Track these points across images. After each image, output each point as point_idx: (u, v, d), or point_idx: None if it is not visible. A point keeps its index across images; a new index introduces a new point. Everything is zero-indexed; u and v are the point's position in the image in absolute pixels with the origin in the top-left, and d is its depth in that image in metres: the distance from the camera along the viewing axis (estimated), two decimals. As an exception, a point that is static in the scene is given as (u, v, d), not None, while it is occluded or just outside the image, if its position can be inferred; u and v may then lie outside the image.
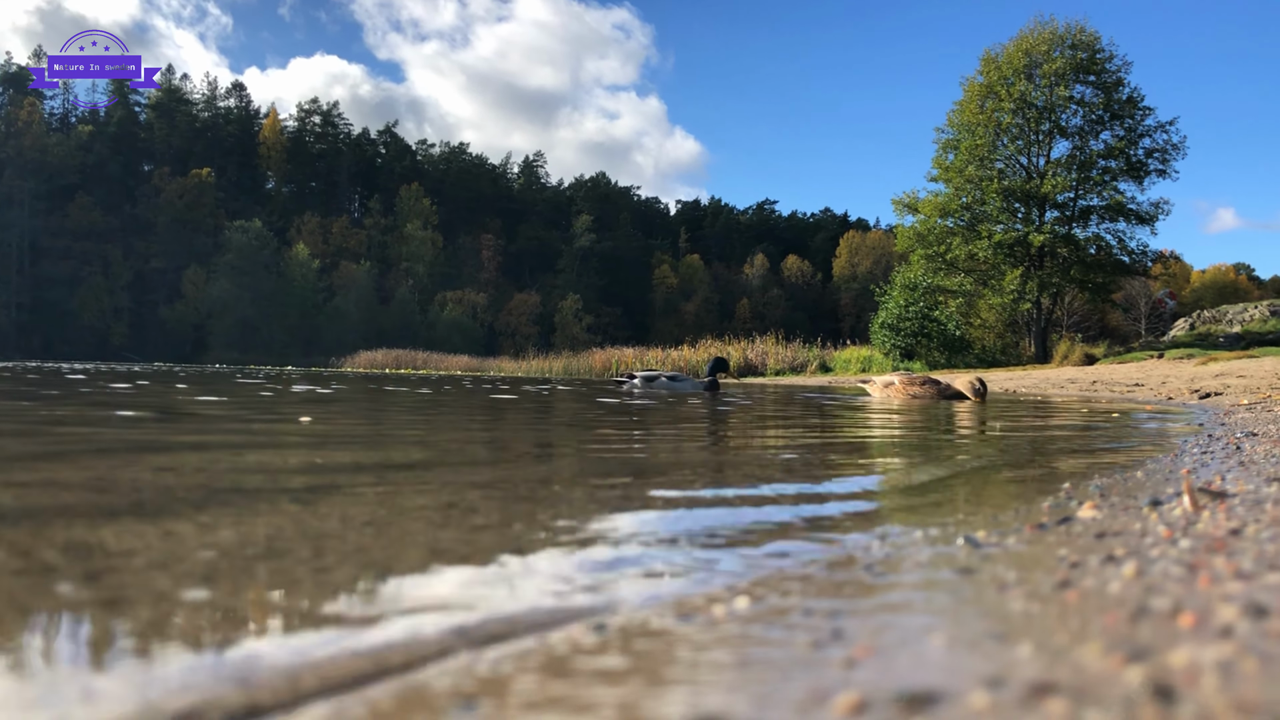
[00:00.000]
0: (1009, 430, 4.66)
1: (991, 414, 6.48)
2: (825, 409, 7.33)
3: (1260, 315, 32.23)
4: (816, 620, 0.89)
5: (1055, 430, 4.66)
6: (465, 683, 0.72)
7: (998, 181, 31.97)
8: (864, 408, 7.39)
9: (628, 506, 1.78)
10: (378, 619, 0.93)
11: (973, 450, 3.41)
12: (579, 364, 37.94)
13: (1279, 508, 1.38)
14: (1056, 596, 0.93)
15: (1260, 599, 0.81)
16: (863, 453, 3.39)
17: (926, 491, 2.14)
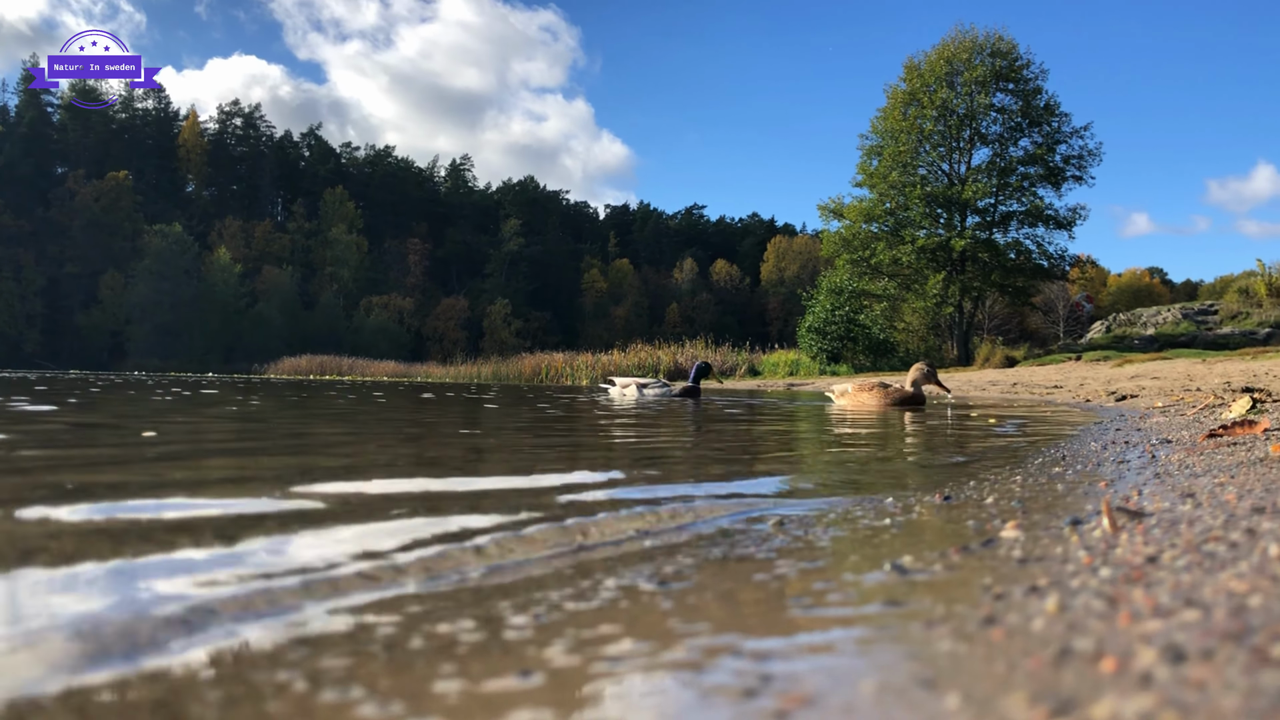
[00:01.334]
0: (933, 433, 4.73)
1: (915, 418, 6.57)
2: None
3: (1173, 318, 33.26)
4: (745, 663, 0.88)
5: (975, 434, 4.74)
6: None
7: (920, 187, 32.59)
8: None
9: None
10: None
11: (901, 457, 3.44)
12: (509, 369, 37.78)
13: (1193, 530, 1.41)
14: (982, 634, 0.93)
15: (1178, 640, 0.82)
16: (770, 456, 3.41)
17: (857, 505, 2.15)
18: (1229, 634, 0.82)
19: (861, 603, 1.15)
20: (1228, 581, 1.03)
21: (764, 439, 4.74)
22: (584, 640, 0.98)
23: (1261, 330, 29.00)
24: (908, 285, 33.47)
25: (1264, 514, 1.51)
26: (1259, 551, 1.18)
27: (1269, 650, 0.76)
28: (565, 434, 4.96)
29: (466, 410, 7.77)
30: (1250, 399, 6.36)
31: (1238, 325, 30.50)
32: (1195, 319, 32.68)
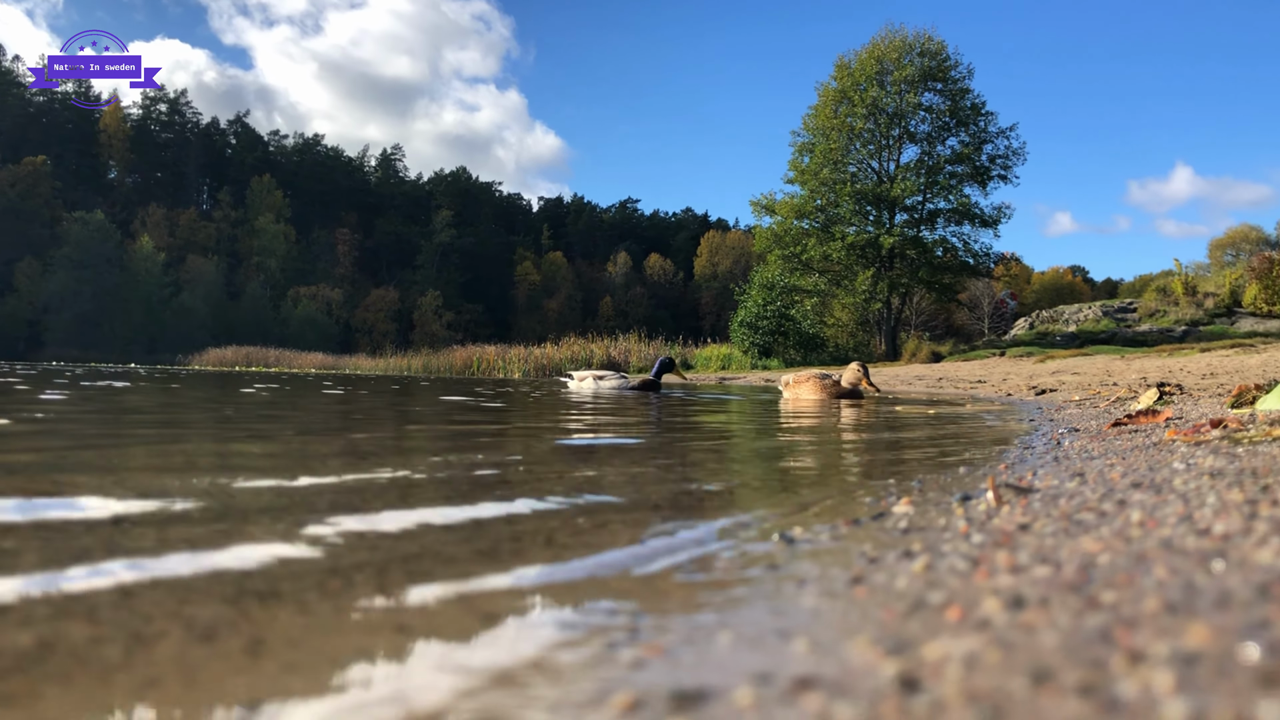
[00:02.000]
0: (859, 425, 4.81)
1: (848, 410, 6.67)
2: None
3: (1094, 315, 34.11)
4: (620, 620, 0.90)
5: (899, 426, 4.83)
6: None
7: (850, 185, 32.99)
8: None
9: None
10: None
11: (822, 448, 3.50)
12: (439, 361, 37.47)
13: (1071, 502, 1.46)
14: (847, 592, 0.96)
15: (1023, 591, 0.86)
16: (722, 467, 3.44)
17: (768, 488, 2.19)
18: (1070, 585, 0.86)
19: (745, 566, 1.18)
20: (1085, 544, 1.07)
21: (707, 427, 4.77)
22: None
23: (1178, 328, 29.88)
24: (838, 281, 33.88)
25: (1140, 488, 1.58)
26: (1123, 519, 1.23)
27: (1099, 597, 0.80)
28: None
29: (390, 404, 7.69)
30: (1158, 391, 6.56)
31: (1156, 323, 31.39)
32: (1115, 317, 33.57)
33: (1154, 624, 0.70)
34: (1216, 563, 0.88)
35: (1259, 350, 17.34)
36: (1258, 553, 0.90)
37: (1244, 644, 0.62)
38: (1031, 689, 0.59)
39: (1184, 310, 31.73)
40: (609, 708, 0.63)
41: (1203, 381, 8.77)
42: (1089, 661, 0.63)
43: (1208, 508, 1.22)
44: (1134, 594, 0.80)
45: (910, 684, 0.62)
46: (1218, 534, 1.03)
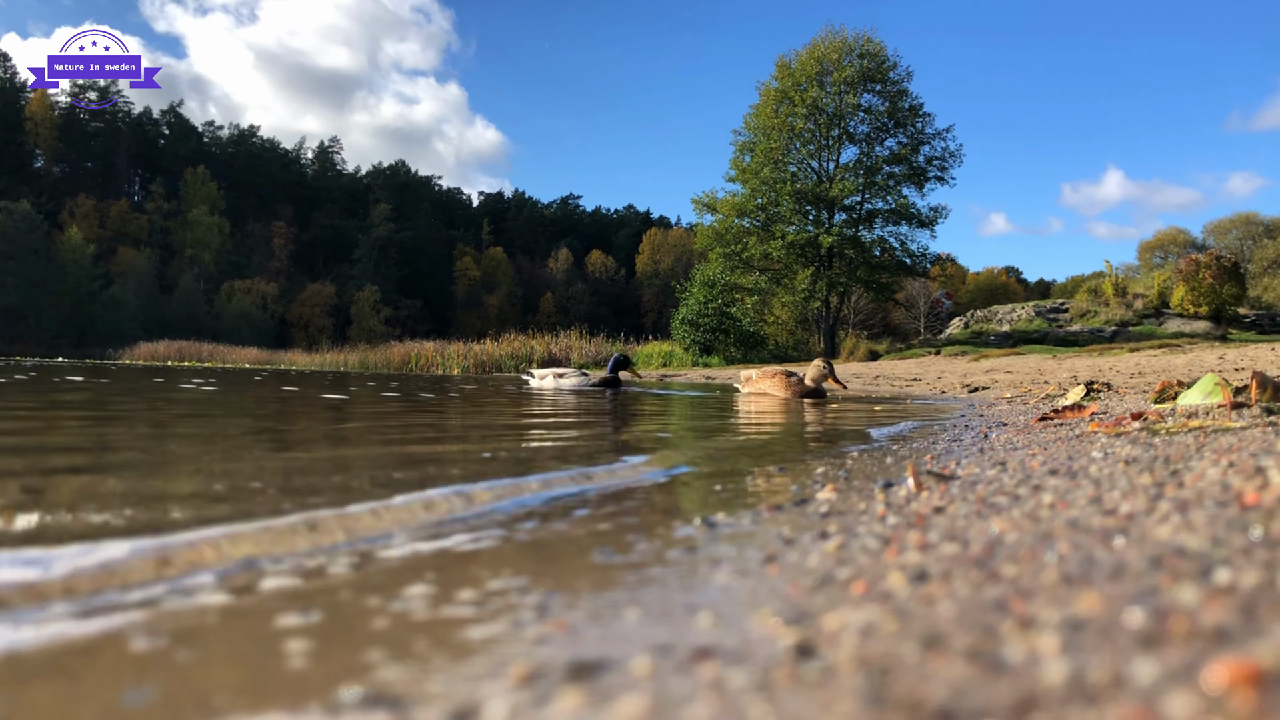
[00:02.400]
0: (789, 421, 4.85)
1: (801, 407, 6.72)
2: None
3: (1026, 315, 34.76)
4: (530, 598, 0.90)
5: (837, 421, 4.88)
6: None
7: (790, 184, 33.22)
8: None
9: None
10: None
11: (762, 438, 3.52)
12: (376, 357, 37.03)
13: (988, 488, 1.49)
14: (759, 570, 0.97)
15: (928, 566, 0.87)
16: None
17: (703, 476, 2.19)
18: (974, 561, 0.87)
19: (664, 549, 1.18)
20: (995, 524, 1.09)
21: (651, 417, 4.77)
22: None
23: (1108, 328, 30.57)
24: (778, 280, 34.09)
25: (1056, 475, 1.61)
26: (1035, 501, 1.26)
27: (1000, 570, 0.81)
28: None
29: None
30: (1085, 388, 6.71)
31: (1087, 323, 32.09)
32: (1048, 317, 34.24)
33: (1049, 594, 0.71)
34: (1118, 539, 0.90)
35: (1185, 350, 17.82)
36: (1157, 529, 0.92)
37: (1130, 609, 0.63)
38: (922, 654, 0.59)
39: (1114, 311, 32.46)
40: (505, 679, 0.63)
41: (1131, 380, 8.98)
42: (981, 628, 0.63)
43: (1117, 490, 1.25)
44: (1034, 568, 0.81)
45: (806, 651, 0.63)
46: (1123, 513, 1.06)
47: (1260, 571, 0.69)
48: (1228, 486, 1.12)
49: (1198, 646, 0.55)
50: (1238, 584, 0.67)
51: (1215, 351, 15.72)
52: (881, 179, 33.85)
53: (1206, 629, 0.58)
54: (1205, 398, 3.86)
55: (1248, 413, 2.78)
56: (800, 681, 0.57)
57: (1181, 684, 0.50)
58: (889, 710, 0.50)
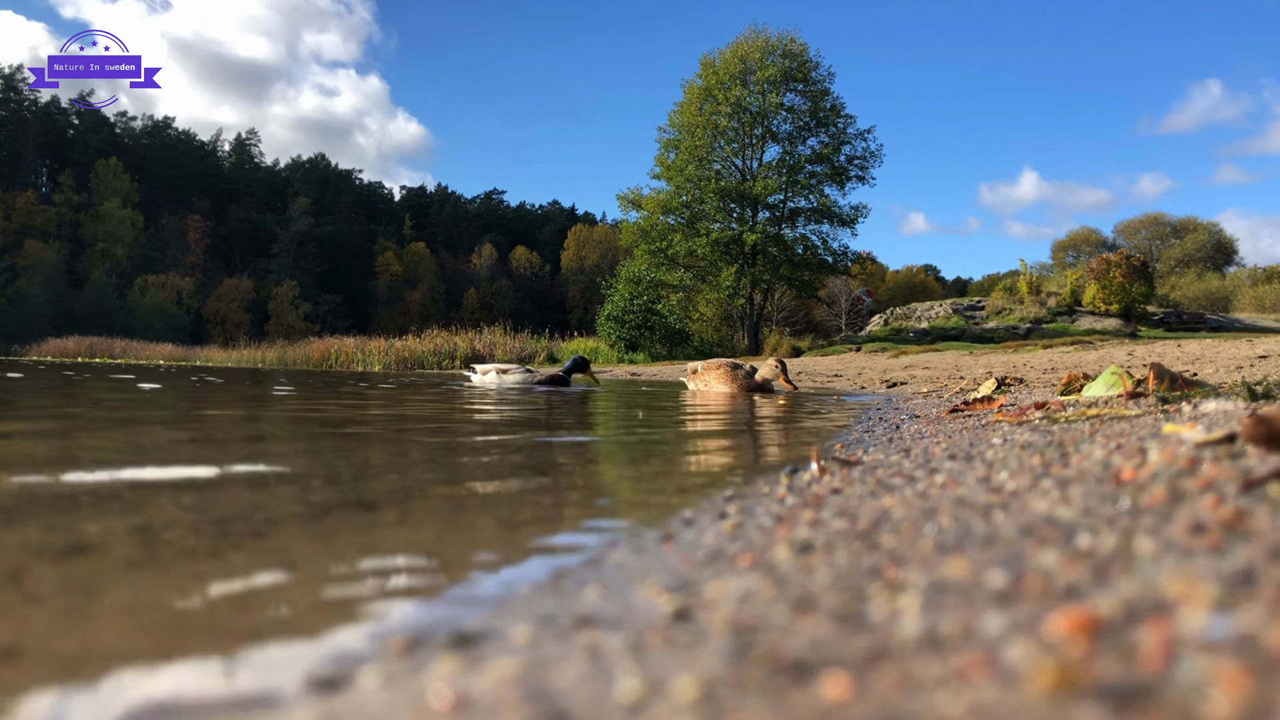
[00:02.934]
0: (729, 414, 4.89)
1: (737, 403, 6.76)
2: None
3: (944, 313, 35.43)
4: (411, 581, 0.90)
5: (762, 415, 4.93)
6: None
7: (715, 182, 33.38)
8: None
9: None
10: None
11: (687, 428, 3.55)
12: (295, 353, 36.33)
13: (888, 471, 1.52)
14: (654, 548, 0.98)
15: (815, 539, 0.89)
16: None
17: (624, 467, 2.21)
18: (858, 534, 0.90)
19: (569, 529, 1.18)
20: (886, 502, 1.12)
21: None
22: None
23: (1023, 325, 31.28)
24: (702, 277, 34.24)
25: (955, 459, 1.65)
26: (928, 482, 1.29)
27: (881, 541, 0.84)
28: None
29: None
30: (996, 381, 6.88)
31: (1002, 321, 32.80)
32: (965, 314, 34.93)
33: (921, 561, 0.74)
34: (997, 513, 0.93)
35: (1096, 347, 18.32)
36: (1035, 503, 0.96)
37: (993, 572, 0.66)
38: (791, 615, 0.61)
39: (1029, 309, 33.24)
40: (385, 648, 0.63)
41: (1044, 376, 9.21)
42: (851, 591, 0.65)
43: (1006, 471, 1.29)
44: (912, 539, 0.84)
45: (683, 616, 0.64)
46: (1008, 491, 1.09)
47: (1119, 536, 0.72)
48: (1109, 465, 1.16)
49: (1046, 602, 0.58)
50: (1096, 548, 0.70)
51: (1125, 348, 16.19)
52: (804, 178, 34.19)
53: (1059, 587, 0.60)
54: (1108, 389, 4.00)
55: (1144, 401, 2.89)
56: (672, 643, 0.58)
57: (1025, 634, 0.52)
58: (748, 665, 0.52)
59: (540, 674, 0.54)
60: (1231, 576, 0.57)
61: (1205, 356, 10.88)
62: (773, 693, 0.49)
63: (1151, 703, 0.43)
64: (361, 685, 0.56)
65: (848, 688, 0.48)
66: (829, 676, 0.50)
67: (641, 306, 31.89)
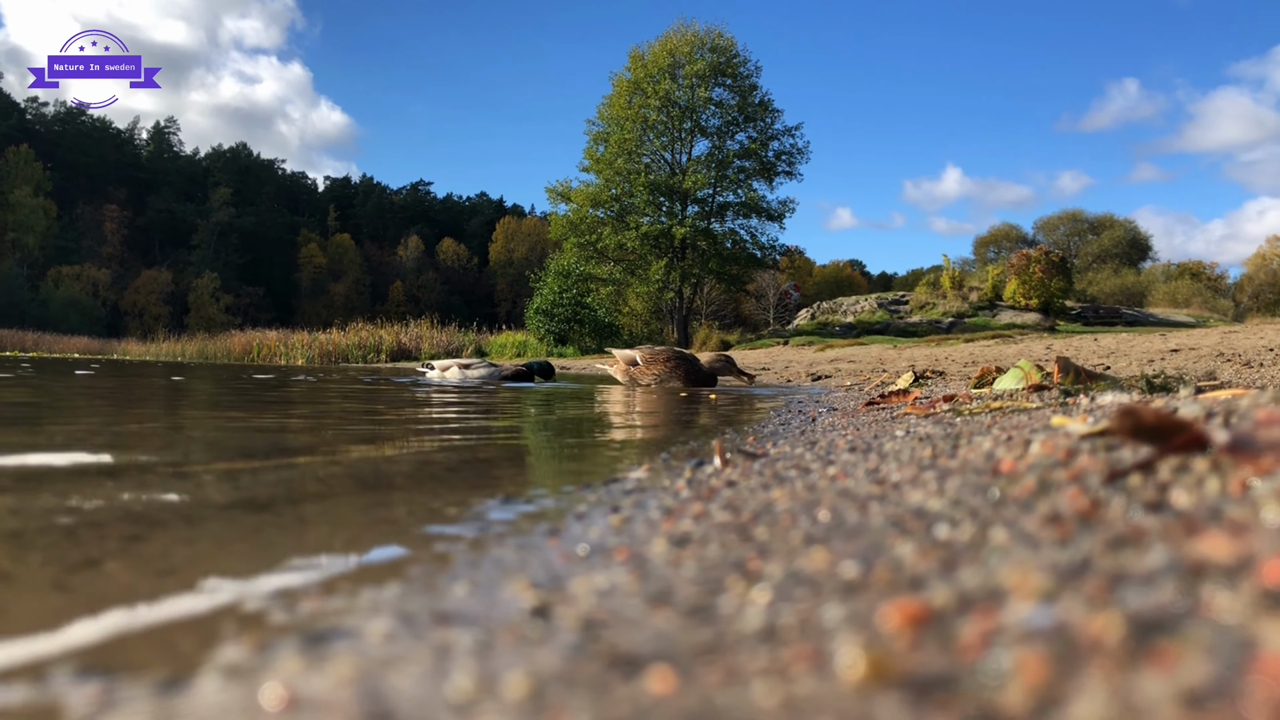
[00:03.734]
0: (649, 410, 4.90)
1: (638, 396, 6.77)
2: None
3: (870, 307, 35.93)
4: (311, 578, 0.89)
5: (682, 407, 4.95)
6: None
7: (644, 175, 33.43)
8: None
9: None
10: None
11: (606, 423, 3.54)
12: (216, 347, 35.59)
13: (787, 464, 1.54)
14: (538, 543, 0.98)
15: (694, 533, 0.90)
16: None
17: (532, 463, 2.19)
18: (737, 527, 0.90)
19: (455, 522, 1.17)
20: (775, 494, 1.13)
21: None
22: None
23: (945, 320, 31.87)
24: (632, 270, 34.30)
25: (854, 451, 1.68)
26: (820, 474, 1.31)
27: (755, 534, 0.85)
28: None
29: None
30: (913, 374, 7.01)
31: (925, 315, 33.38)
32: (889, 309, 35.48)
33: (786, 553, 0.74)
34: (874, 504, 0.95)
35: (1016, 341, 18.74)
36: (911, 494, 0.97)
37: (848, 563, 0.67)
38: (645, 610, 0.61)
39: (951, 303, 33.88)
40: (239, 647, 0.62)
41: (964, 369, 9.40)
42: (710, 584, 0.66)
43: (896, 463, 1.31)
44: (785, 531, 0.85)
45: (541, 612, 0.64)
46: (891, 482, 1.11)
47: (977, 527, 0.74)
48: (992, 457, 1.18)
49: (889, 594, 0.59)
50: (953, 539, 0.71)
51: (1044, 342, 16.60)
52: (733, 173, 34.42)
53: (906, 578, 0.62)
54: (1017, 382, 4.10)
55: (1048, 395, 2.96)
56: (521, 639, 0.58)
57: (857, 626, 0.53)
58: (584, 660, 0.52)
59: (381, 673, 0.54)
60: (1067, 567, 0.58)
61: (1120, 350, 11.21)
62: (599, 688, 0.49)
63: (951, 694, 0.43)
64: (202, 686, 0.55)
65: (673, 682, 0.48)
66: (657, 671, 0.50)
67: (571, 300, 31.85)
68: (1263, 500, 0.69)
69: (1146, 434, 0.95)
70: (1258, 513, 0.66)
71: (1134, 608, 0.49)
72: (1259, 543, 0.57)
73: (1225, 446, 0.88)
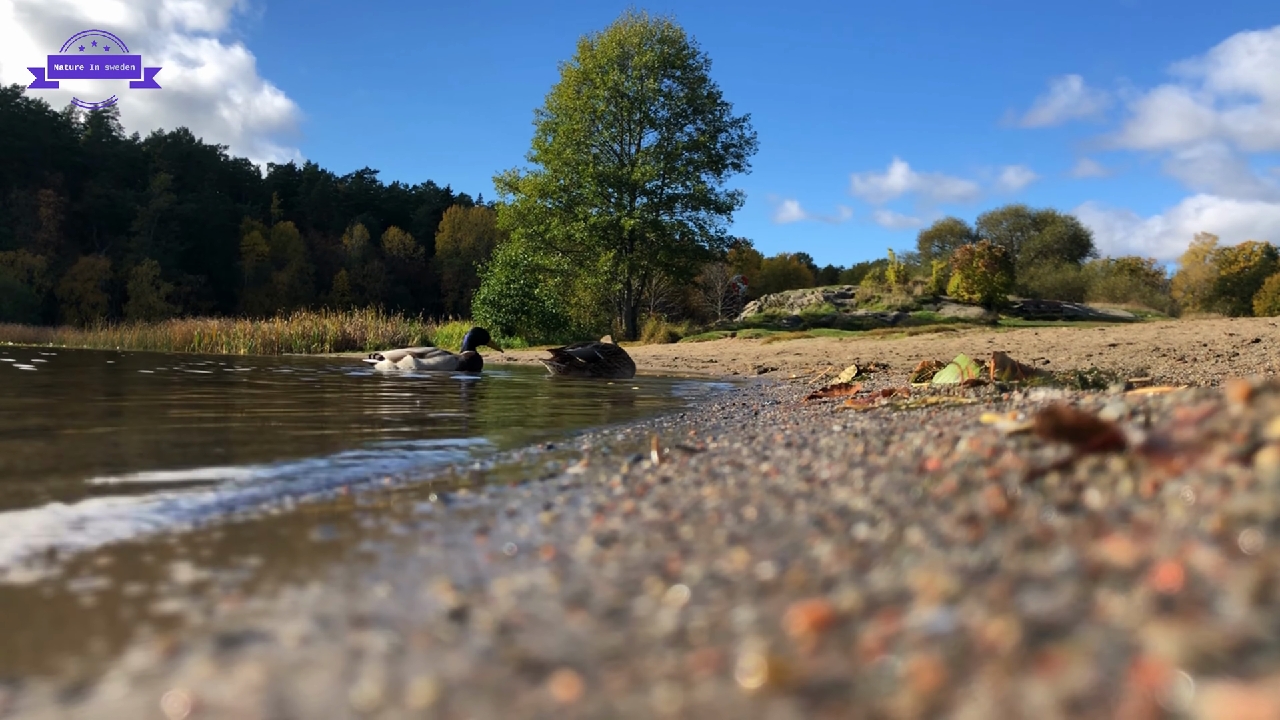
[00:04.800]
0: (588, 399, 4.89)
1: (583, 386, 6.76)
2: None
3: (816, 300, 36.23)
4: (225, 576, 0.87)
5: (622, 399, 4.95)
6: None
7: (593, 166, 33.36)
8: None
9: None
10: None
11: (542, 418, 3.53)
12: (156, 335, 34.90)
13: (723, 459, 1.54)
14: (467, 542, 0.97)
15: (621, 531, 0.90)
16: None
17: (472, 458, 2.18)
18: (664, 525, 0.91)
19: (384, 528, 1.16)
20: (706, 491, 1.14)
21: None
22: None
23: (890, 313, 32.24)
24: (580, 261, 34.24)
25: (789, 447, 1.69)
26: (753, 470, 1.32)
27: (680, 533, 0.85)
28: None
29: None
30: (856, 367, 7.08)
31: (871, 308, 33.74)
32: (835, 301, 35.80)
33: (708, 553, 0.75)
34: (800, 503, 0.96)
35: (960, 334, 19.01)
36: (838, 492, 0.98)
37: (765, 564, 0.68)
38: (562, 612, 0.61)
39: (896, 297, 34.27)
40: (150, 650, 0.61)
41: (908, 362, 9.50)
42: (628, 586, 0.66)
43: (828, 459, 1.32)
44: (710, 530, 0.85)
45: (459, 615, 0.64)
46: (820, 480, 1.12)
47: (894, 528, 0.75)
48: (920, 454, 1.20)
49: (800, 596, 0.59)
50: (871, 539, 0.72)
51: (986, 335, 16.85)
52: (681, 165, 34.48)
53: (819, 580, 0.62)
54: (956, 376, 4.16)
55: (984, 390, 3.01)
56: (435, 642, 0.58)
57: (764, 630, 0.54)
58: (493, 665, 0.52)
59: (289, 678, 0.53)
60: (976, 569, 0.60)
61: (1060, 344, 11.41)
62: (504, 695, 0.49)
63: (843, 700, 0.44)
64: (106, 693, 0.54)
65: (577, 689, 0.49)
66: (563, 677, 0.50)
67: (518, 290, 31.75)
68: (1170, 502, 0.70)
69: (1067, 433, 0.96)
70: (1164, 514, 0.67)
71: (1031, 611, 0.50)
72: (1160, 545, 0.59)
73: (1140, 447, 0.90)
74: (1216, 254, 60.29)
